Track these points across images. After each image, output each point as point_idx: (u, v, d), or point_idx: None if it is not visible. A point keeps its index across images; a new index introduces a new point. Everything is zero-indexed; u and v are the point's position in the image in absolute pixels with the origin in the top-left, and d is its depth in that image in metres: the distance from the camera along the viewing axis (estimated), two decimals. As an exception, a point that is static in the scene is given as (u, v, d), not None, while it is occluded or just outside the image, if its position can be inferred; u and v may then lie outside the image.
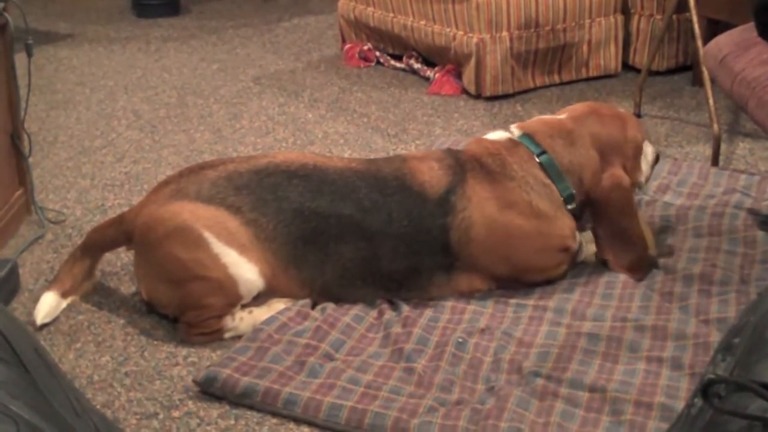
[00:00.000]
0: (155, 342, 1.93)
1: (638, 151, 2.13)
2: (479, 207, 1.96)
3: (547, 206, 1.99)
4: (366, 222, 1.93)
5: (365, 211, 1.94)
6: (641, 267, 2.06)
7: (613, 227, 2.04)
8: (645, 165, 2.16)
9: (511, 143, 2.04)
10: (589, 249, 2.12)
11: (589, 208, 2.06)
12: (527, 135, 2.05)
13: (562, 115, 2.12)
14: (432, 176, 1.98)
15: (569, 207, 2.02)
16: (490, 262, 1.99)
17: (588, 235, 2.12)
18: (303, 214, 1.92)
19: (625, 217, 2.03)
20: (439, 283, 1.99)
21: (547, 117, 2.14)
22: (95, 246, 2.06)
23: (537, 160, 2.01)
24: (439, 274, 1.98)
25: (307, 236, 1.92)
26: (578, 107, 2.15)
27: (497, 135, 2.09)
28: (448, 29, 3.47)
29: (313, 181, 1.95)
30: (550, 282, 2.05)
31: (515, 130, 2.08)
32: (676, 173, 2.57)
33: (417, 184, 1.97)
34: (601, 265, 2.09)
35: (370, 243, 1.93)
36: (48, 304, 1.99)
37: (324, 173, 1.97)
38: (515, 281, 2.02)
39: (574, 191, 2.02)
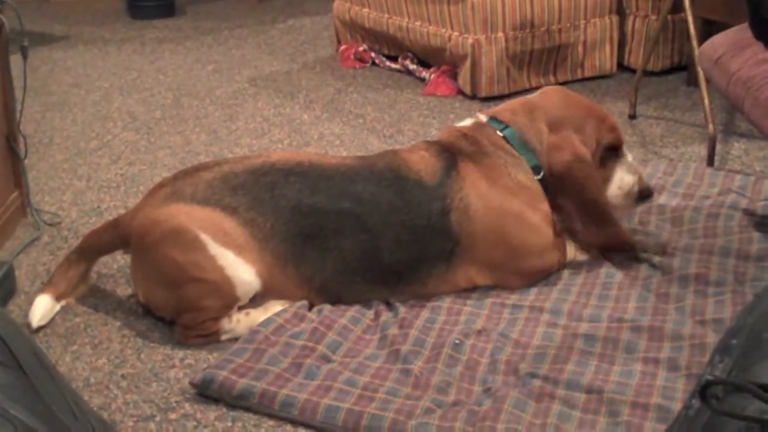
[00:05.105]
0: (152, 344, 1.93)
1: (600, 142, 2.12)
2: (473, 186, 2.00)
3: (523, 177, 2.04)
4: (366, 214, 1.94)
5: (364, 203, 1.95)
6: (615, 245, 2.08)
7: (576, 201, 2.07)
8: (621, 173, 2.15)
9: (478, 125, 2.12)
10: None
11: (552, 181, 2.08)
12: (492, 116, 2.13)
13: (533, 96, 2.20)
14: (426, 164, 2.02)
15: (537, 177, 2.06)
16: (488, 244, 2.00)
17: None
18: (301, 211, 1.92)
19: (586, 190, 2.06)
20: (438, 276, 2.00)
21: (514, 99, 2.22)
22: (91, 250, 2.06)
23: (500, 134, 2.07)
24: (438, 264, 1.99)
25: (306, 233, 1.92)
26: (549, 87, 2.24)
27: (465, 122, 2.17)
28: (443, 30, 3.47)
29: (310, 178, 1.96)
30: (545, 279, 2.06)
31: (481, 116, 2.16)
32: (671, 174, 2.58)
33: (413, 172, 2.00)
34: (596, 265, 2.10)
35: (371, 235, 1.94)
36: (43, 307, 1.99)
37: (320, 170, 1.98)
38: (513, 272, 2.03)
39: (538, 162, 2.07)
